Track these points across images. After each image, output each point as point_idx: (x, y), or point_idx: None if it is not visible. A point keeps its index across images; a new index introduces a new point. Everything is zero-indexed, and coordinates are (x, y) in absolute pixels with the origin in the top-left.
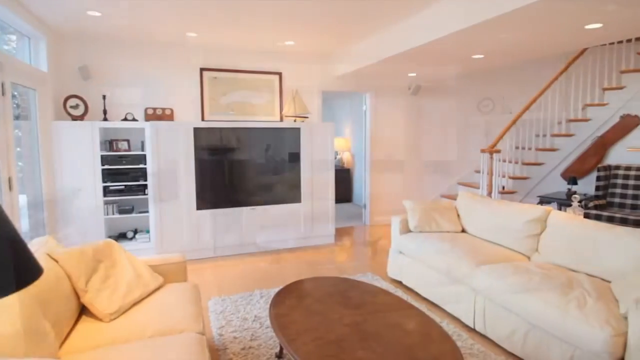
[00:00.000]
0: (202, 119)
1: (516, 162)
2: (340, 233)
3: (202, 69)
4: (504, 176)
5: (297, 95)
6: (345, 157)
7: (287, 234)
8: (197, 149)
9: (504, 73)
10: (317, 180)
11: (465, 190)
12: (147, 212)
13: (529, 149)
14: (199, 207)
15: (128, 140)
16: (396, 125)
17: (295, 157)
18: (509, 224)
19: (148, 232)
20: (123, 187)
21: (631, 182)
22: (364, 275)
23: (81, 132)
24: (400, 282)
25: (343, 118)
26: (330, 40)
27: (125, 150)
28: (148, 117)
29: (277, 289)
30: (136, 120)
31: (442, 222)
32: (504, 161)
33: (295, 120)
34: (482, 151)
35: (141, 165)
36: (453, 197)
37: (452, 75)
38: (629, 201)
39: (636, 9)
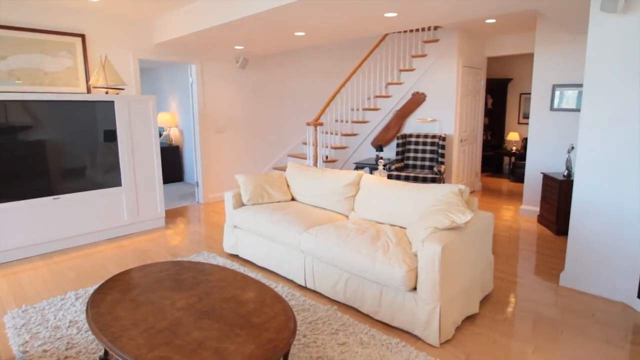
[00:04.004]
0: None
1: (336, 134)
2: (171, 215)
3: None
4: (326, 146)
5: (107, 62)
6: (173, 133)
7: (107, 222)
8: None
9: (330, 50)
10: (140, 160)
11: (294, 161)
12: None
13: (347, 121)
14: None
15: None
16: (226, 99)
17: (111, 135)
18: (331, 189)
19: None
20: None
21: (420, 147)
22: (199, 255)
23: None
24: (236, 256)
25: (167, 91)
26: (145, 1)
27: None
28: None
29: (97, 287)
30: None
31: (273, 193)
32: (327, 133)
33: (107, 92)
34: (308, 124)
35: None
36: (284, 169)
37: (279, 50)
38: (419, 162)
39: (419, 4)
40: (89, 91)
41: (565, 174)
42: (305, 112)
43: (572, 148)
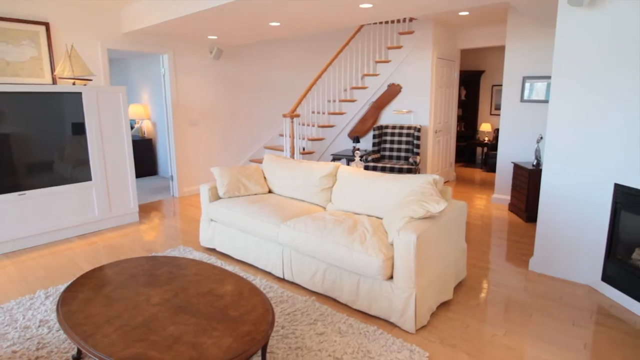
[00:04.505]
0: None
1: (313, 125)
2: (145, 209)
3: None
4: (303, 138)
5: (73, 52)
6: (146, 125)
7: (77, 218)
8: None
9: (306, 41)
10: (110, 154)
11: (271, 153)
12: None
13: (323, 113)
14: None
15: None
16: (200, 90)
17: (79, 128)
18: (308, 181)
19: None
20: None
21: (396, 138)
22: (174, 250)
23: None
24: (213, 250)
25: (139, 82)
26: None
27: None
28: None
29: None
30: None
31: (250, 185)
32: (303, 125)
33: (74, 83)
34: (284, 116)
35: None
36: (260, 161)
37: (254, 41)
38: (395, 153)
39: None
40: (54, 82)
41: (534, 163)
42: (281, 104)
43: (541, 138)
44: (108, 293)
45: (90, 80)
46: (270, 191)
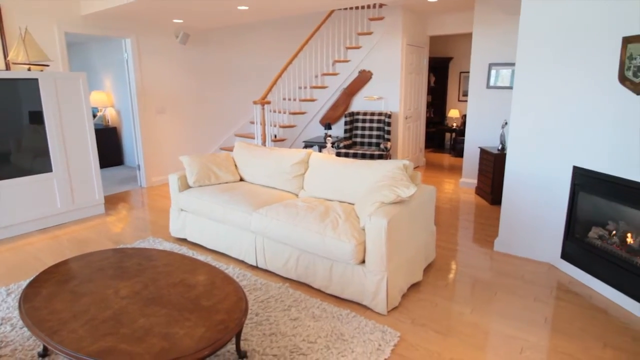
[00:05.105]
0: None
1: (284, 112)
2: (112, 200)
3: None
4: (275, 125)
5: (28, 36)
6: (109, 113)
7: (37, 211)
8: None
9: (277, 27)
10: (72, 143)
11: (242, 141)
12: None
13: (294, 99)
14: None
15: None
16: (167, 76)
17: (37, 117)
18: (280, 168)
19: None
20: None
21: (367, 124)
22: (144, 241)
23: None
24: (184, 240)
25: (100, 68)
26: None
27: None
28: None
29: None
30: None
31: (220, 174)
32: (275, 112)
33: (29, 69)
34: (255, 103)
35: None
36: (231, 149)
37: (222, 25)
38: (366, 140)
39: None
40: (8, 68)
41: (499, 148)
42: (252, 91)
43: (506, 123)
44: (73, 287)
45: (47, 65)
46: (241, 179)
